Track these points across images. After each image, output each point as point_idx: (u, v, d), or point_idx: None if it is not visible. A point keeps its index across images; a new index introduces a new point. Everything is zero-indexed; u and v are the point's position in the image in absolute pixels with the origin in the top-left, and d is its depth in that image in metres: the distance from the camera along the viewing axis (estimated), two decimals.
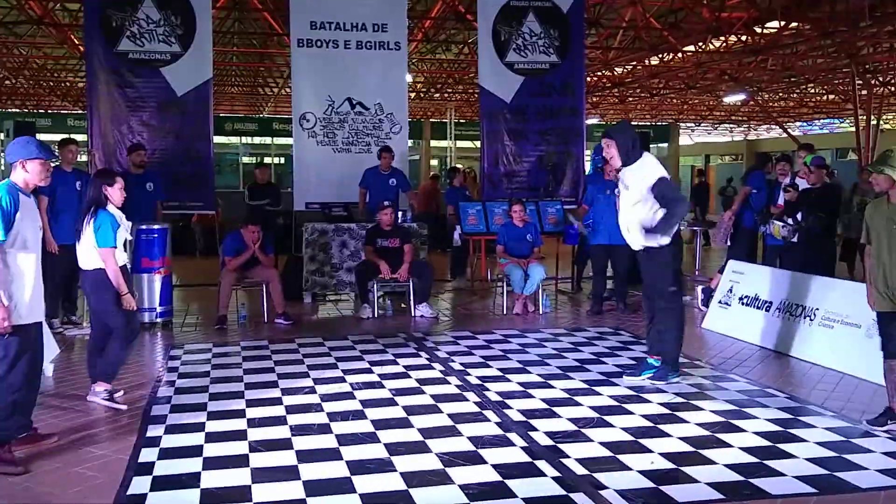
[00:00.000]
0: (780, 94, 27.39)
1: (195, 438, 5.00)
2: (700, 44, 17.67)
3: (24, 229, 4.58)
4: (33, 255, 4.67)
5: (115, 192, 5.76)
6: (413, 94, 25.68)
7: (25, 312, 4.59)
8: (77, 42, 16.67)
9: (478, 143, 11.99)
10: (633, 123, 33.89)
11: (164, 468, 4.52)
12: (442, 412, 5.55)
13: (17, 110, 29.69)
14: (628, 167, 6.28)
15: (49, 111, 30.31)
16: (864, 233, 5.45)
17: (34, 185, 4.75)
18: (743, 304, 8.34)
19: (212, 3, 11.01)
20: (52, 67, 22.57)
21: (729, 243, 10.00)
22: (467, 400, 5.88)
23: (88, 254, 5.66)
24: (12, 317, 4.48)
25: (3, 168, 13.33)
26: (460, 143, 30.96)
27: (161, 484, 4.30)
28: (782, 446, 4.92)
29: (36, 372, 4.82)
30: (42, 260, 4.79)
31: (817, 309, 7.33)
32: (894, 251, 5.17)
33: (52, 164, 5.25)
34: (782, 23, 16.18)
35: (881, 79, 21.14)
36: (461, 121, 30.92)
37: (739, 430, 5.23)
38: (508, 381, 6.42)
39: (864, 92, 20.31)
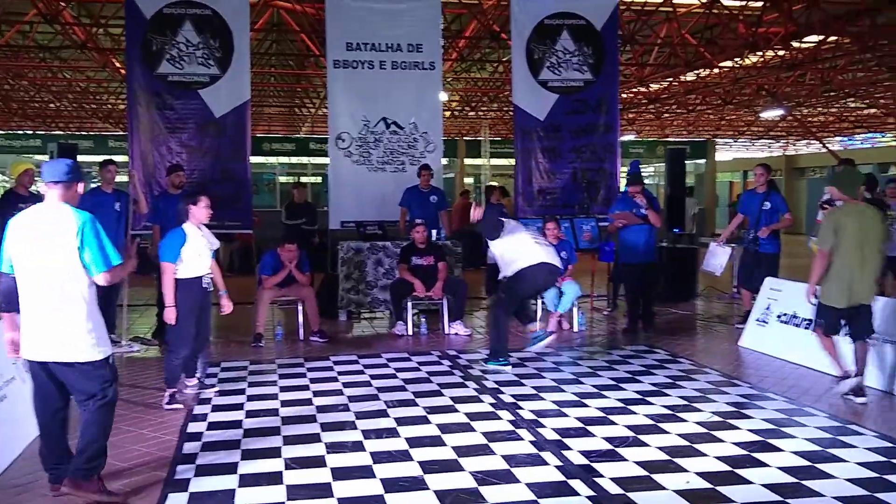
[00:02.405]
0: (819, 109, 27.04)
1: (231, 456, 5.06)
2: (736, 59, 17.54)
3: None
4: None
5: (200, 211, 6.32)
6: (448, 113, 25.79)
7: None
8: (119, 65, 17.03)
9: (512, 161, 11.99)
10: (669, 139, 33.78)
11: (199, 485, 4.57)
12: (475, 430, 5.56)
13: (61, 132, 30.34)
14: None
15: (90, 132, 30.93)
16: (832, 235, 6.29)
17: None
18: (781, 321, 8.23)
19: (250, 25, 11.18)
20: (95, 90, 23.06)
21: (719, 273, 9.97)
22: (501, 418, 5.87)
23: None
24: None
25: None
26: (494, 161, 30.97)
27: (196, 500, 4.35)
28: (821, 466, 4.85)
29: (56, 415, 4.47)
30: None
31: None
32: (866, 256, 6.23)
33: (92, 185, 5.39)
34: (821, 37, 16.03)
35: None
36: (496, 138, 30.96)
37: (777, 449, 5.17)
38: (542, 399, 6.41)
39: None
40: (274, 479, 4.64)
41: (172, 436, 5.50)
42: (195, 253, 6.21)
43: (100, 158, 10.74)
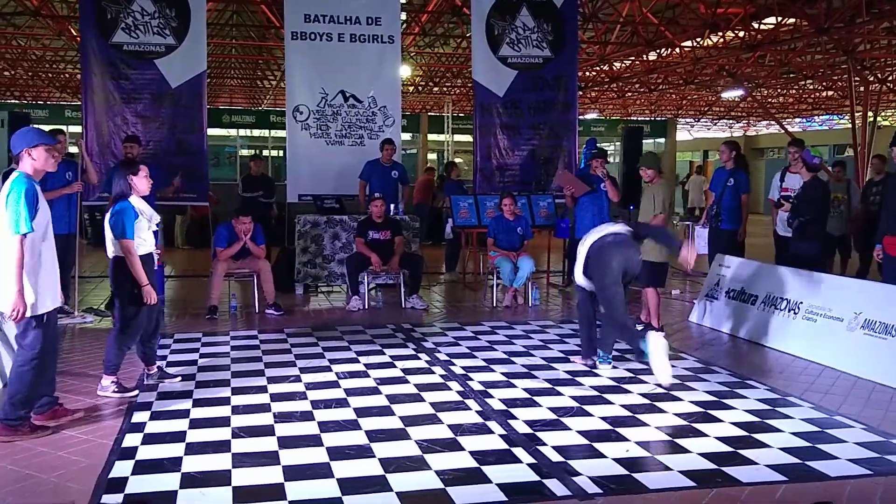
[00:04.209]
0: (779, 91, 27.41)
1: (179, 425, 5.08)
2: (697, 39, 17.71)
3: (42, 219, 4.77)
4: (50, 243, 4.92)
5: (141, 181, 5.87)
6: (411, 88, 25.73)
7: (50, 300, 4.85)
8: (75, 33, 16.73)
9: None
10: (631, 118, 34.00)
11: (147, 453, 4.59)
12: (424, 401, 5.63)
13: (16, 101, 29.75)
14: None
15: (48, 102, 30.37)
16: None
17: (43, 171, 4.91)
18: (729, 297, 8.41)
19: None
20: (51, 59, 22.62)
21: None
22: (450, 389, 5.95)
23: (109, 243, 5.81)
24: (40, 305, 4.73)
25: None
26: (458, 137, 30.98)
27: (142, 468, 4.37)
28: (757, 436, 4.99)
29: (56, 351, 5.22)
30: None
31: (801, 303, 7.40)
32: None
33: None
34: (779, 19, 16.24)
35: (878, 75, 21.15)
36: (459, 114, 30.96)
37: (717, 420, 5.31)
38: (492, 371, 6.50)
39: (861, 88, 20.33)
40: (221, 447, 4.68)
41: (120, 405, 5.50)
42: (145, 228, 5.86)
43: (53, 128, 10.58)
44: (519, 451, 4.65)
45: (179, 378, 6.18)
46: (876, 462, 4.58)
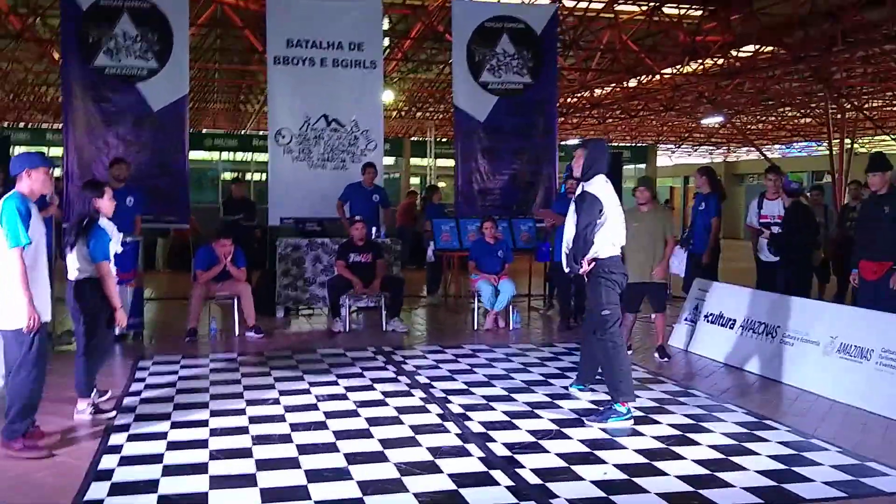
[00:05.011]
0: (758, 117, 27.75)
1: (156, 446, 5.06)
2: (677, 66, 17.93)
3: (36, 234, 4.95)
4: (43, 258, 5.11)
5: (105, 203, 5.76)
6: (394, 113, 25.85)
7: (46, 313, 5.06)
8: (57, 56, 16.71)
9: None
10: (611, 144, 34.23)
11: (123, 475, 4.56)
12: (403, 423, 5.63)
13: None
14: (583, 183, 6.00)
15: (30, 125, 30.24)
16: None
17: (39, 193, 5.09)
18: (708, 321, 8.47)
19: (192, 20, 11.11)
20: (33, 82, 22.57)
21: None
22: (430, 412, 5.95)
23: (76, 265, 5.62)
24: (42, 314, 4.95)
25: None
26: (441, 162, 31.11)
27: (118, 490, 4.35)
28: (735, 459, 5.02)
29: (45, 369, 5.15)
30: None
31: (778, 327, 7.47)
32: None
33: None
34: (757, 47, 16.49)
35: (854, 103, 21.48)
36: (442, 139, 31.11)
37: (695, 443, 5.34)
38: (472, 394, 6.51)
39: (838, 116, 20.64)
40: (198, 469, 4.66)
41: (97, 427, 5.47)
42: (114, 250, 5.83)
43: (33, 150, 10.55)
44: (497, 474, 4.66)
45: (115, 413, 5.82)
46: (851, 485, 4.62)
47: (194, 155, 11.32)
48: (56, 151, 22.75)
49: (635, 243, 7.38)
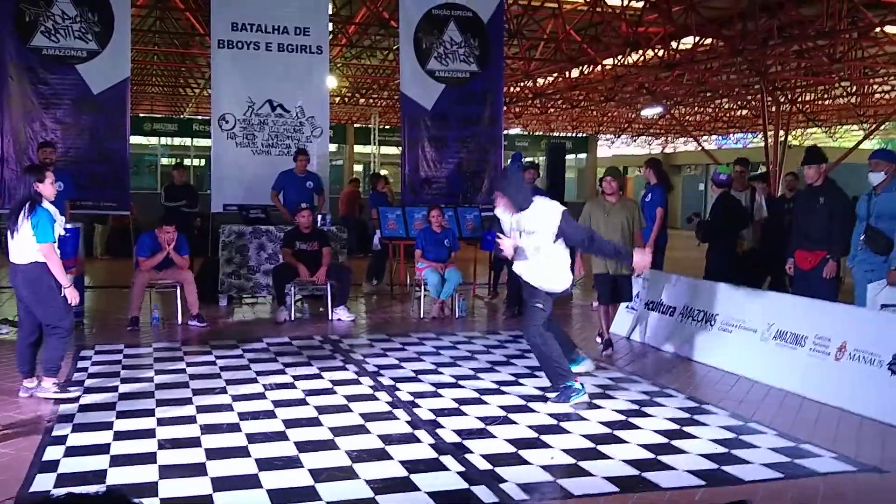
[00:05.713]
0: (696, 109, 28.29)
1: (103, 437, 4.99)
2: (618, 57, 18.17)
3: None
4: None
5: (47, 188, 5.85)
6: (338, 99, 25.67)
7: None
8: None
9: (401, 149, 12.10)
10: (553, 134, 34.56)
11: (69, 466, 4.50)
12: (353, 411, 5.65)
13: None
14: (524, 212, 6.01)
15: None
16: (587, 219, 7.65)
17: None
18: (648, 308, 8.65)
19: (132, 1, 10.88)
20: None
21: None
22: (379, 400, 5.99)
23: (23, 248, 5.70)
24: None
25: None
26: (384, 149, 31.03)
27: (65, 481, 4.29)
28: (677, 443, 5.17)
29: None
30: None
31: (717, 314, 7.68)
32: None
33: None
34: (697, 39, 16.79)
35: (789, 96, 22.05)
36: (385, 126, 31.00)
37: (638, 427, 5.47)
38: (420, 381, 6.56)
39: (773, 108, 21.16)
40: (146, 459, 4.62)
41: (42, 412, 5.37)
42: (59, 232, 5.87)
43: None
44: (447, 460, 4.72)
45: (78, 394, 5.94)
46: (787, 466, 4.80)
47: (132, 140, 11.13)
48: None
49: (605, 235, 7.21)
